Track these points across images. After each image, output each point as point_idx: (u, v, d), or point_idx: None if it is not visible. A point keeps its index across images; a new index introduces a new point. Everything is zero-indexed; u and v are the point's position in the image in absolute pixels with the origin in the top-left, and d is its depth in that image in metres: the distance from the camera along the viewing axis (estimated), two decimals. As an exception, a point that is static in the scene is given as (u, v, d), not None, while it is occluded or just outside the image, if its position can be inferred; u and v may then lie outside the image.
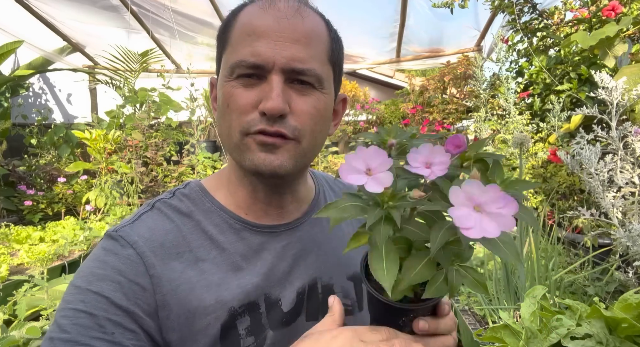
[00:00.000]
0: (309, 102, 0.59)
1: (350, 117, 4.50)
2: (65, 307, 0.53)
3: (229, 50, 0.61)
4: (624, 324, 0.60)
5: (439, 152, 0.38)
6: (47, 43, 4.21)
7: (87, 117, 4.66)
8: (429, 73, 5.12)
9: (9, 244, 2.55)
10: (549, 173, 2.02)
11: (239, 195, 0.66)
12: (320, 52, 0.61)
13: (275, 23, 0.57)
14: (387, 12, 3.86)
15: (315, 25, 0.61)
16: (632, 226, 0.99)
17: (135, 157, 3.58)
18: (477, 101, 2.86)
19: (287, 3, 0.60)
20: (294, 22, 0.58)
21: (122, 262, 0.56)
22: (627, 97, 1.19)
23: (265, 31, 0.57)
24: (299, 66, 0.58)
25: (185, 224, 0.62)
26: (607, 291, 1.17)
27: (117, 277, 0.55)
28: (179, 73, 4.74)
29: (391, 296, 0.41)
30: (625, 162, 1.16)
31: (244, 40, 0.58)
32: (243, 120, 0.58)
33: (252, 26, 0.58)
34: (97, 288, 0.54)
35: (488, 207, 0.34)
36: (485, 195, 0.34)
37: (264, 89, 0.57)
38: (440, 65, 4.21)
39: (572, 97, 2.02)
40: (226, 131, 0.61)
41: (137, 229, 0.60)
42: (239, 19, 0.61)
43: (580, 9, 2.16)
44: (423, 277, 0.41)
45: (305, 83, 0.59)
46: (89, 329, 0.51)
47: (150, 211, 0.63)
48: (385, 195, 0.39)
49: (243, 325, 0.59)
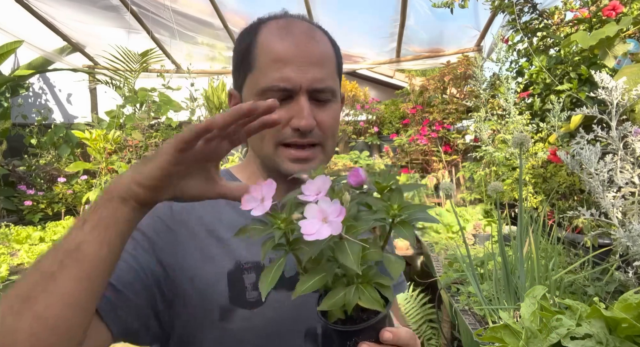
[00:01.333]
0: (329, 114, 0.72)
1: (350, 117, 4.50)
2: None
3: (256, 73, 0.71)
4: (624, 324, 0.60)
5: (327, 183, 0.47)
6: (47, 43, 4.20)
7: (87, 117, 4.65)
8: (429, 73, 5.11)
9: (9, 244, 2.55)
10: (549, 173, 2.02)
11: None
12: (332, 70, 0.73)
13: (297, 49, 0.68)
14: (387, 12, 3.85)
15: (326, 46, 0.73)
16: (632, 226, 0.99)
17: (136, 157, 3.58)
18: (477, 101, 2.86)
19: (301, 27, 0.71)
20: (311, 46, 0.70)
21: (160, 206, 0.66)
22: (627, 97, 1.19)
23: (290, 58, 0.68)
24: (320, 86, 0.70)
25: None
26: (607, 291, 1.17)
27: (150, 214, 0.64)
28: (179, 73, 4.74)
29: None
30: (625, 162, 1.16)
31: (271, 66, 0.68)
32: (277, 134, 0.70)
33: (276, 53, 0.69)
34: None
35: (330, 217, 0.43)
36: (330, 208, 0.43)
37: (293, 108, 0.69)
38: (440, 65, 4.20)
39: (572, 97, 2.02)
40: (259, 143, 0.73)
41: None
42: (260, 42, 0.71)
43: (581, 9, 2.15)
44: (312, 288, 0.48)
45: (324, 99, 0.71)
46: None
47: None
48: (279, 219, 0.49)
49: (249, 280, 0.70)
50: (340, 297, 0.48)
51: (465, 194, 3.10)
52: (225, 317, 0.69)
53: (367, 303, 0.47)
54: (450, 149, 3.81)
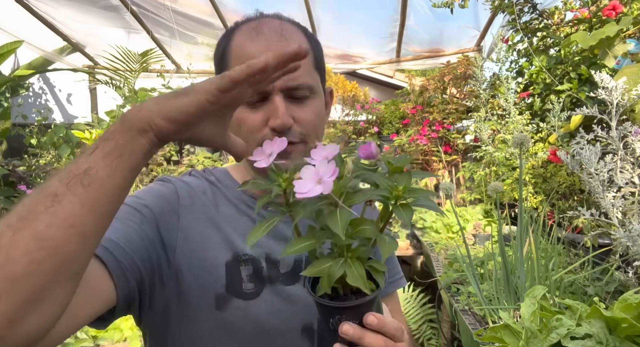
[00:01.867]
0: (307, 110, 0.71)
1: (350, 117, 4.50)
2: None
3: None
4: (624, 324, 0.60)
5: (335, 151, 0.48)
6: (47, 43, 4.20)
7: (87, 117, 4.65)
8: (429, 73, 5.11)
9: (9, 244, 2.55)
10: (549, 173, 2.02)
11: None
12: (308, 65, 0.72)
13: (266, 50, 0.67)
14: (387, 12, 3.85)
15: (298, 41, 0.72)
16: (632, 226, 0.99)
17: (135, 157, 3.58)
18: (477, 101, 2.86)
19: (271, 26, 0.71)
20: (281, 45, 0.69)
21: (164, 188, 0.75)
22: (627, 97, 1.19)
23: None
24: (293, 84, 0.68)
25: (211, 188, 0.78)
26: (607, 291, 1.17)
27: (158, 194, 0.73)
28: (179, 73, 4.74)
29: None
30: (625, 162, 1.16)
31: None
32: (257, 136, 0.69)
33: (246, 55, 0.68)
34: (142, 196, 0.71)
35: (324, 178, 0.44)
36: (325, 168, 0.44)
37: (269, 108, 0.68)
38: (440, 65, 4.20)
39: (572, 97, 2.02)
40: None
41: (178, 179, 0.78)
42: (232, 46, 0.71)
43: (581, 9, 2.15)
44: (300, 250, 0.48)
45: (301, 96, 0.70)
46: (128, 214, 0.67)
47: (188, 175, 0.81)
48: (281, 177, 0.50)
49: (245, 272, 0.71)
50: (326, 267, 0.48)
51: (465, 194, 3.10)
52: (220, 306, 0.69)
53: (351, 279, 0.46)
54: (450, 149, 3.81)
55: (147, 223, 0.67)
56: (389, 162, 0.50)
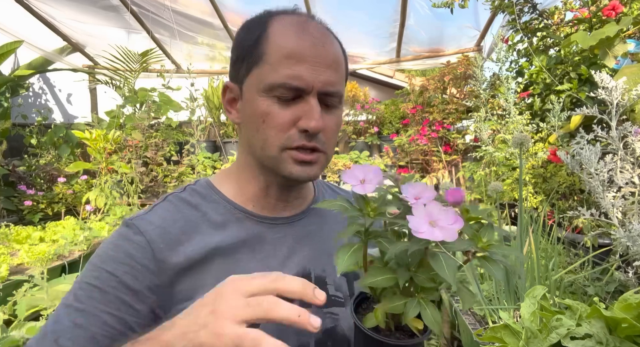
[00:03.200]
0: (334, 119, 0.69)
1: (350, 117, 4.50)
2: (82, 281, 0.62)
3: (265, 67, 0.65)
4: (624, 324, 0.60)
5: (428, 191, 0.47)
6: (47, 43, 4.21)
7: (87, 117, 4.65)
8: (429, 73, 5.11)
9: (9, 244, 2.55)
10: (549, 173, 2.01)
11: (249, 189, 0.74)
12: (343, 75, 0.70)
13: (313, 48, 0.64)
14: (387, 12, 3.86)
15: (339, 50, 0.70)
16: (632, 226, 0.99)
17: (135, 157, 3.58)
18: (477, 101, 2.86)
19: (317, 28, 0.68)
20: (326, 48, 0.66)
21: (133, 247, 0.64)
22: (627, 97, 1.19)
23: (305, 56, 0.64)
24: (331, 89, 0.66)
25: (193, 214, 0.70)
26: (607, 291, 1.17)
27: (128, 260, 0.63)
28: (179, 73, 4.74)
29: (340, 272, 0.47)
30: (625, 162, 1.16)
31: (283, 62, 0.64)
32: (282, 136, 0.65)
33: (291, 49, 0.64)
34: (110, 268, 0.62)
35: (441, 223, 0.42)
36: (441, 214, 0.43)
37: (302, 108, 0.65)
38: (440, 65, 4.20)
39: (572, 97, 2.02)
40: (260, 144, 0.67)
41: (149, 218, 0.68)
42: (272, 36, 0.66)
43: (581, 9, 2.15)
44: (380, 283, 0.47)
45: (332, 103, 0.68)
46: (100, 303, 0.60)
47: (163, 202, 0.72)
48: (369, 206, 0.48)
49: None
50: (400, 304, 0.47)
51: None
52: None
53: (428, 321, 0.46)
54: (450, 149, 3.81)
55: (128, 306, 0.61)
56: (466, 210, 0.48)
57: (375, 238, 0.49)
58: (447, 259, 0.44)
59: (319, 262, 0.73)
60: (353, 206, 0.49)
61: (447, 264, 0.43)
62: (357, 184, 0.48)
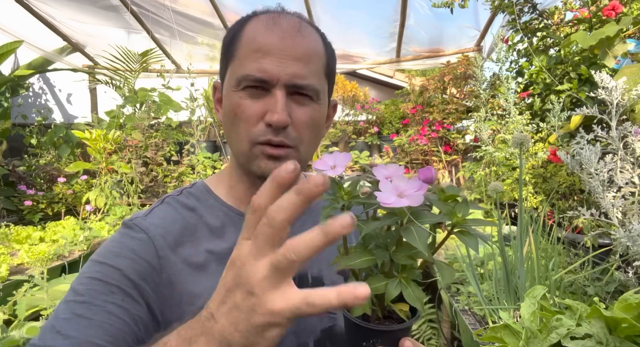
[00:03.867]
0: (307, 112, 0.66)
1: (350, 117, 4.50)
2: (82, 277, 0.60)
3: (236, 63, 0.66)
4: (624, 324, 0.60)
5: (399, 170, 0.48)
6: (47, 43, 4.20)
7: (87, 117, 4.65)
8: (429, 73, 5.11)
9: (9, 244, 2.55)
10: (549, 173, 2.01)
11: (239, 189, 0.74)
12: (318, 68, 0.67)
13: (280, 41, 0.63)
14: (387, 12, 3.86)
15: (315, 43, 0.68)
16: (632, 226, 0.99)
17: (135, 157, 3.58)
18: (477, 101, 2.86)
19: (290, 21, 0.66)
20: (297, 41, 0.65)
21: (135, 243, 0.64)
22: (627, 97, 1.19)
23: (271, 49, 0.63)
24: (300, 82, 0.64)
25: (190, 217, 0.70)
26: (607, 291, 1.17)
27: (131, 254, 0.62)
28: (179, 73, 4.74)
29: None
30: (625, 162, 1.16)
31: (250, 56, 0.64)
32: (251, 130, 0.65)
33: (258, 43, 0.64)
34: (112, 262, 0.61)
35: (407, 192, 0.44)
36: (407, 185, 0.45)
37: (269, 102, 0.64)
38: (440, 65, 4.20)
39: (572, 97, 2.02)
40: (235, 138, 0.67)
41: (150, 218, 0.68)
42: (245, 33, 0.66)
43: (581, 9, 2.15)
44: (360, 264, 0.47)
45: (305, 95, 0.66)
46: (103, 293, 0.57)
47: (161, 204, 0.72)
48: (344, 191, 0.49)
49: None
50: (381, 285, 0.47)
51: (466, 194, 3.10)
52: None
53: (410, 299, 0.46)
54: (450, 149, 3.81)
55: (130, 297, 0.59)
56: (442, 190, 0.50)
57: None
58: (419, 230, 0.45)
59: (315, 263, 0.71)
60: (328, 193, 0.50)
61: (419, 234, 0.44)
62: (328, 169, 0.49)
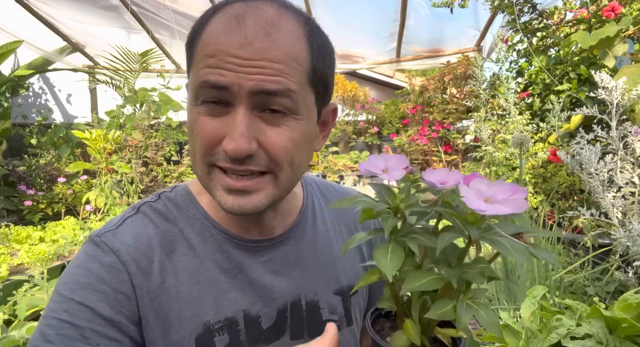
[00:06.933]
0: (282, 133, 0.52)
1: (350, 117, 4.51)
2: (50, 316, 0.52)
3: (193, 69, 0.54)
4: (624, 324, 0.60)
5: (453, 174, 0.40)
6: (47, 43, 4.21)
7: (87, 117, 4.65)
8: (429, 73, 5.11)
9: (9, 244, 2.55)
10: (549, 173, 2.02)
11: (219, 208, 0.62)
12: (298, 74, 0.52)
13: (244, 40, 0.49)
14: (387, 12, 3.86)
15: (291, 46, 0.52)
16: (632, 226, 0.99)
17: (135, 157, 3.58)
18: (477, 101, 2.86)
19: (259, 18, 0.51)
20: (268, 39, 0.50)
21: (105, 270, 0.54)
22: (627, 97, 1.19)
23: (231, 51, 0.50)
24: (270, 87, 0.50)
25: (168, 230, 0.60)
26: (607, 291, 1.17)
27: (101, 286, 0.53)
28: (179, 73, 4.74)
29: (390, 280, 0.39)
30: (625, 162, 1.16)
31: (207, 61, 0.51)
32: (208, 152, 0.52)
33: (216, 44, 0.50)
34: (80, 298, 0.52)
35: (498, 197, 0.36)
36: (492, 189, 0.37)
37: (228, 122, 0.50)
38: (440, 65, 4.21)
39: (572, 97, 2.02)
40: (193, 157, 0.56)
41: (121, 235, 0.57)
42: (205, 32, 0.54)
43: (580, 9, 2.16)
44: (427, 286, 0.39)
45: (277, 111, 0.52)
46: (74, 340, 0.50)
47: (135, 215, 0.61)
48: (398, 197, 0.41)
49: (221, 343, 0.57)
50: (449, 309, 0.40)
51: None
52: None
53: (484, 324, 0.39)
54: (450, 149, 3.81)
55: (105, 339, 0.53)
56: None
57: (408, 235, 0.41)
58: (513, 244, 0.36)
59: (310, 285, 0.65)
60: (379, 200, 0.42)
61: (515, 248, 0.36)
62: (381, 173, 0.40)
